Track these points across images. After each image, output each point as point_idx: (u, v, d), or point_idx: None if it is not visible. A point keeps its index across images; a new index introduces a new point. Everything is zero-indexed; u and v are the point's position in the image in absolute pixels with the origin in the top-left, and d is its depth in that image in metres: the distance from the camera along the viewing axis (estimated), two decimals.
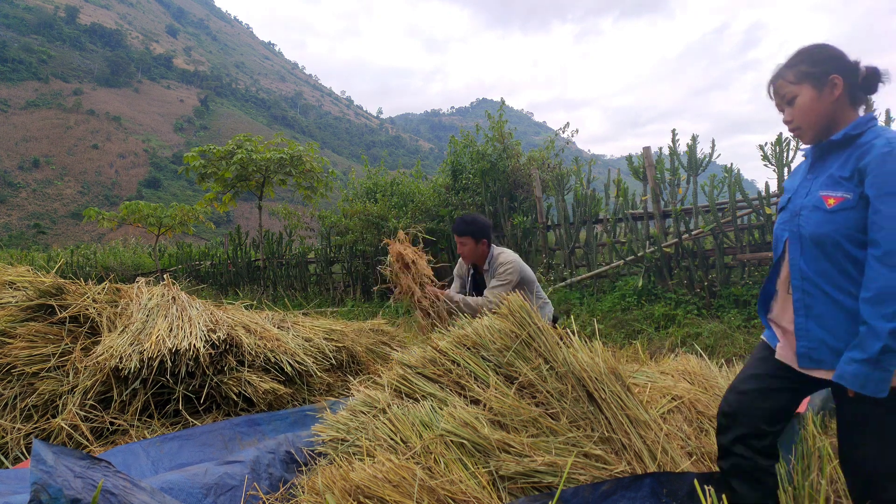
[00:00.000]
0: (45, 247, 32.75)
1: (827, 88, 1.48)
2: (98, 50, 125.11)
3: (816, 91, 1.49)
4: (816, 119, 1.50)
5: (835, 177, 1.46)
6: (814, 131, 1.52)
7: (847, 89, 1.49)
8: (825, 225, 1.44)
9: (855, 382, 1.34)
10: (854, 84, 1.49)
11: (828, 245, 1.43)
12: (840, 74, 1.47)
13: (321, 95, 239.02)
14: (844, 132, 1.46)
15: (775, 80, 1.57)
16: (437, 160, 67.46)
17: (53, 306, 2.93)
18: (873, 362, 1.31)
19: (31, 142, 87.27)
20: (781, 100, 1.56)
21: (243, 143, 11.02)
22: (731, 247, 5.80)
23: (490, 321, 2.31)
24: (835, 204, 1.43)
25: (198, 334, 2.70)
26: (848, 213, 1.41)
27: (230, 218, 33.89)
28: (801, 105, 1.51)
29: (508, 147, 9.12)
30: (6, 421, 2.46)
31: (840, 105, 1.49)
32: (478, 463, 1.80)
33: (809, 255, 1.48)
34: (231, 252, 12.04)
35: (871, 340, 1.32)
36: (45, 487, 0.96)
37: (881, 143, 1.38)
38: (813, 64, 1.50)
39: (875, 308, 1.32)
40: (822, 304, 1.46)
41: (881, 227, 1.33)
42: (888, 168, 1.35)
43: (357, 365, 3.29)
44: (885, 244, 1.32)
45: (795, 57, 1.53)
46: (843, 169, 1.44)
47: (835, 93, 1.47)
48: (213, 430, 2.35)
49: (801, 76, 1.50)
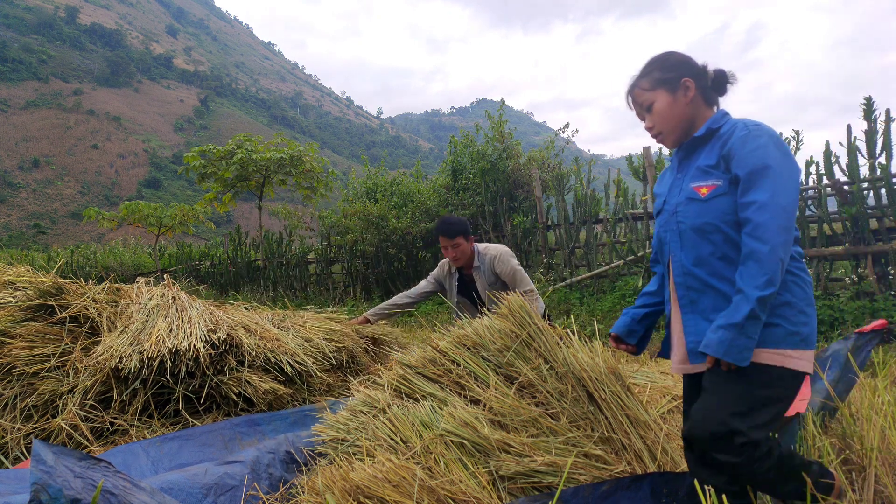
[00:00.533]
0: (45, 247, 32.76)
1: (680, 92, 1.54)
2: (98, 50, 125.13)
3: (671, 95, 1.55)
4: (675, 122, 1.56)
5: (702, 167, 1.50)
6: (675, 134, 1.58)
7: (700, 91, 1.55)
8: (703, 214, 1.46)
9: (719, 349, 1.33)
10: (705, 86, 1.56)
11: (709, 233, 1.46)
12: (691, 77, 1.54)
13: (321, 95, 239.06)
14: (706, 126, 1.52)
15: (631, 90, 1.63)
16: (437, 160, 67.46)
17: (53, 306, 2.93)
18: (738, 327, 1.31)
19: (31, 142, 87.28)
20: (640, 108, 1.62)
21: (243, 143, 11.02)
22: None
23: (490, 321, 2.31)
24: (708, 192, 1.46)
25: (198, 334, 2.70)
26: (721, 199, 1.44)
27: (230, 218, 33.89)
28: (659, 110, 1.56)
29: (508, 147, 9.12)
30: (6, 421, 2.46)
31: (696, 106, 1.56)
32: (478, 463, 1.80)
33: (690, 249, 1.50)
34: (231, 252, 12.04)
35: (740, 306, 1.32)
36: (44, 487, 0.96)
37: (740, 128, 1.45)
38: (665, 70, 1.56)
39: (748, 279, 1.32)
40: (706, 297, 1.47)
41: (749, 203, 1.37)
42: (749, 148, 1.40)
43: (357, 365, 3.29)
44: (754, 218, 1.35)
45: (647, 66, 1.60)
46: (709, 158, 1.49)
47: (689, 95, 1.54)
48: (213, 431, 2.35)
49: (656, 83, 1.57)
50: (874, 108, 4.81)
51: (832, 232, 5.10)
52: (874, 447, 1.68)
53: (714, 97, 1.59)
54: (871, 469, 1.66)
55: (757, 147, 1.39)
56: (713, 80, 1.57)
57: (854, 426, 1.91)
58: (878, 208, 4.82)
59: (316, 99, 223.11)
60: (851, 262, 4.92)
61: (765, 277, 1.30)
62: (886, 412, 1.86)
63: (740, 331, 1.31)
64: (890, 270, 4.61)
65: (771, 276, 1.31)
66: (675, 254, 1.54)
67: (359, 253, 9.79)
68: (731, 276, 1.42)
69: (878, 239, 4.82)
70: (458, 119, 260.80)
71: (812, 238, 5.26)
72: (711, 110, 1.58)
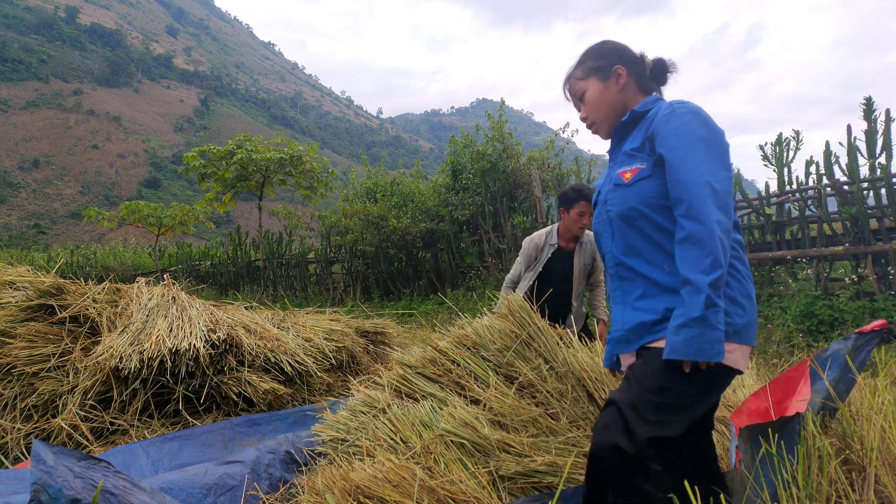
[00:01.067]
0: (45, 247, 32.77)
1: (612, 79, 1.49)
2: (98, 50, 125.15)
3: (602, 83, 1.50)
4: (606, 110, 1.51)
5: (628, 152, 1.44)
6: (608, 124, 1.52)
7: (635, 79, 1.50)
8: (627, 200, 1.39)
9: (689, 350, 1.19)
10: (641, 74, 1.51)
11: (634, 219, 1.38)
12: (623, 65, 1.49)
13: (321, 95, 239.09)
14: (631, 111, 1.46)
15: (567, 80, 1.58)
16: (437, 160, 67.50)
17: (53, 306, 2.93)
18: (701, 321, 1.19)
19: (31, 142, 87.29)
20: (576, 98, 1.57)
21: (243, 143, 11.03)
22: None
23: (490, 321, 2.31)
24: (631, 176, 1.40)
25: (198, 334, 2.70)
26: (645, 183, 1.37)
27: (230, 218, 33.90)
28: (590, 99, 1.52)
29: (508, 147, 9.12)
30: (6, 421, 2.46)
31: (629, 94, 1.50)
32: (478, 463, 1.80)
33: (620, 238, 1.43)
34: (231, 252, 12.04)
35: (694, 297, 1.20)
36: (45, 487, 0.96)
37: (664, 107, 1.38)
38: (597, 59, 1.52)
39: (690, 264, 1.22)
40: (635, 286, 1.40)
41: (678, 182, 1.28)
42: (673, 125, 1.32)
43: (357, 365, 3.29)
44: (686, 197, 1.26)
45: (582, 56, 1.56)
46: (635, 141, 1.42)
47: (620, 82, 1.49)
48: (213, 431, 2.35)
49: (588, 71, 1.52)
50: (874, 108, 4.81)
51: (832, 232, 5.10)
52: (874, 447, 1.69)
53: (651, 86, 1.53)
54: (871, 469, 1.66)
55: (681, 124, 1.31)
56: (652, 70, 1.52)
57: (854, 426, 1.91)
58: (878, 208, 4.82)
59: (316, 99, 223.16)
60: (851, 262, 4.92)
61: (708, 259, 1.20)
62: (887, 412, 1.86)
63: (704, 324, 1.19)
64: (890, 270, 4.61)
65: (715, 257, 1.20)
66: (608, 245, 1.47)
67: (359, 253, 9.79)
68: (660, 263, 1.34)
69: (878, 239, 4.82)
70: (458, 119, 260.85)
71: (812, 238, 5.26)
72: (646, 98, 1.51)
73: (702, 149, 1.28)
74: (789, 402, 2.12)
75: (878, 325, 2.27)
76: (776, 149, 5.69)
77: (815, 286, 4.91)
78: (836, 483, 1.82)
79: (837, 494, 1.80)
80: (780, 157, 5.68)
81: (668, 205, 1.33)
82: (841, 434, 1.95)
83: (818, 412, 2.18)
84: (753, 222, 5.72)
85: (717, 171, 1.27)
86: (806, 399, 2.12)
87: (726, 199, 1.26)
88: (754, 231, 5.69)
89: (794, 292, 4.94)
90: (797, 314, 4.62)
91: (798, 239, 5.40)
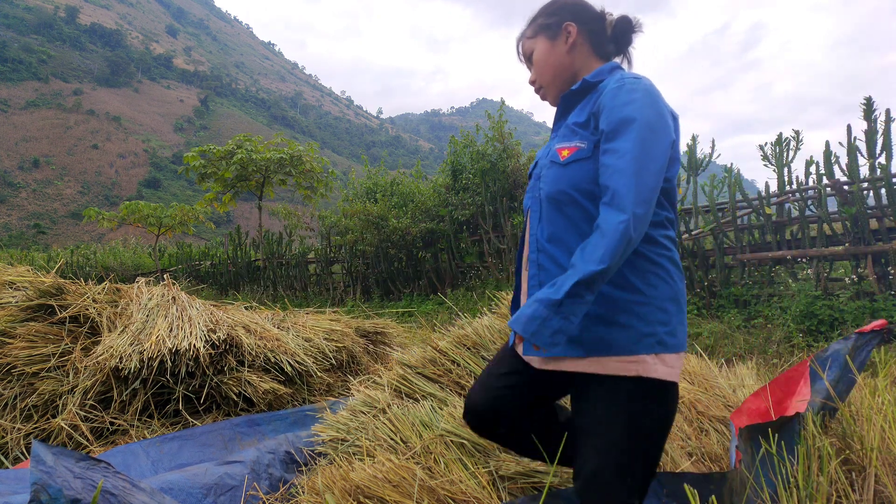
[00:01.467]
0: (45, 247, 32.77)
1: (561, 38, 1.33)
2: (98, 50, 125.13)
3: (550, 42, 1.34)
4: (553, 72, 1.35)
5: (570, 126, 1.27)
6: (556, 88, 1.36)
7: (589, 39, 1.34)
8: (560, 181, 1.23)
9: (528, 326, 1.08)
10: (599, 34, 1.34)
11: (564, 204, 1.23)
12: (575, 22, 1.33)
13: (321, 95, 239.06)
14: (583, 79, 1.29)
15: (519, 40, 1.43)
16: (437, 160, 67.45)
17: (53, 306, 2.93)
18: (555, 305, 1.06)
19: (30, 142, 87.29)
20: (526, 59, 1.42)
21: (243, 143, 11.03)
22: (731, 247, 5.80)
23: (490, 321, 2.31)
24: (568, 155, 1.23)
25: (198, 334, 2.70)
26: (582, 165, 1.20)
27: (230, 218, 33.91)
28: (537, 59, 1.36)
29: (508, 147, 9.12)
30: (6, 421, 2.46)
31: (579, 56, 1.34)
32: (478, 463, 1.80)
33: (546, 221, 1.26)
34: (231, 252, 12.04)
35: (567, 281, 1.08)
36: (44, 487, 0.96)
37: (614, 80, 1.21)
38: (548, 15, 1.36)
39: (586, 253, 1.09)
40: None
41: (608, 167, 1.13)
42: (618, 102, 1.16)
43: (357, 365, 3.29)
44: (611, 185, 1.10)
45: (535, 12, 1.40)
46: (580, 115, 1.26)
47: (569, 41, 1.32)
48: (213, 431, 2.35)
49: (537, 29, 1.37)
50: (874, 108, 4.81)
51: (832, 232, 5.10)
52: (874, 447, 1.69)
53: (610, 48, 1.36)
54: (872, 469, 1.66)
55: (629, 101, 1.15)
56: (614, 29, 1.34)
57: (854, 426, 1.91)
58: (878, 208, 4.82)
59: (316, 99, 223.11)
60: (851, 262, 4.92)
61: (601, 251, 1.06)
62: (887, 412, 1.86)
63: (557, 309, 1.06)
64: (890, 270, 4.61)
65: (612, 250, 1.06)
66: (533, 225, 1.30)
67: (359, 253, 9.79)
68: None
69: (878, 239, 4.82)
70: (458, 119, 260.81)
71: (812, 238, 5.27)
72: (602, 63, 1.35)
73: (642, 133, 1.12)
74: (789, 402, 2.12)
75: (878, 325, 2.27)
76: (776, 149, 5.69)
77: (815, 286, 4.92)
78: (836, 483, 1.82)
79: (837, 494, 1.80)
80: (780, 157, 5.68)
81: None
82: (841, 434, 1.95)
83: (818, 412, 2.18)
84: (753, 222, 5.72)
85: (652, 162, 1.12)
86: (806, 399, 2.12)
87: (654, 193, 1.11)
88: (754, 231, 5.69)
89: (794, 292, 4.94)
90: (797, 314, 4.63)
91: (798, 239, 5.40)
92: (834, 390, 2.07)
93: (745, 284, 5.51)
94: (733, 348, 4.49)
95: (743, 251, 5.66)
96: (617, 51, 1.37)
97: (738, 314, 5.16)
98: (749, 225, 5.75)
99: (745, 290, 5.44)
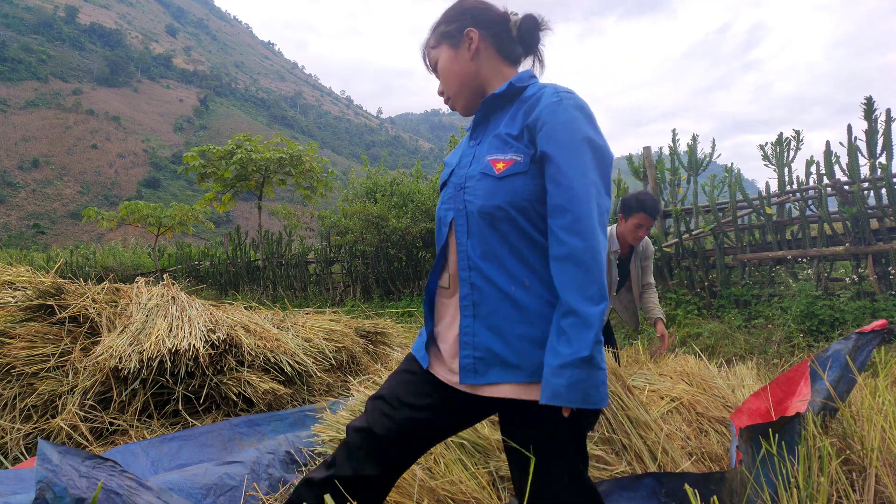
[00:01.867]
0: (44, 247, 32.77)
1: (463, 46, 1.27)
2: (97, 50, 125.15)
3: (453, 51, 1.29)
4: (459, 82, 1.29)
5: (502, 136, 1.19)
6: (463, 98, 1.31)
7: (493, 43, 1.28)
8: (495, 195, 1.15)
9: (576, 397, 1.00)
10: (503, 37, 1.28)
11: (499, 221, 1.15)
12: (476, 27, 1.26)
13: (321, 95, 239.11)
14: (508, 83, 1.22)
15: (423, 49, 1.37)
16: (437, 160, 67.56)
17: (53, 306, 2.93)
18: (588, 361, 1.00)
19: (30, 142, 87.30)
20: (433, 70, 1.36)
21: (243, 142, 11.03)
22: (732, 247, 5.80)
23: None
24: (504, 168, 1.15)
25: (197, 334, 2.70)
26: (519, 180, 1.14)
27: (230, 218, 33.92)
28: (441, 69, 1.31)
29: None
30: (6, 421, 2.46)
31: (485, 62, 1.28)
32: (478, 463, 1.80)
33: (478, 238, 1.18)
34: (231, 252, 12.04)
35: (581, 332, 1.01)
36: (50, 486, 0.97)
37: (549, 93, 1.15)
38: (448, 22, 1.30)
39: (574, 290, 1.03)
40: (491, 301, 1.15)
41: (564, 189, 1.07)
42: (562, 119, 1.11)
43: (357, 365, 3.29)
44: (573, 209, 1.05)
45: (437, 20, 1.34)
46: (511, 126, 1.19)
47: (471, 48, 1.26)
48: (213, 431, 2.34)
49: (439, 38, 1.31)
50: (874, 107, 4.81)
51: (833, 232, 5.10)
52: (875, 447, 1.68)
53: (518, 50, 1.30)
54: (872, 469, 1.66)
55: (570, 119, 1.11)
56: (519, 29, 1.28)
57: (855, 426, 1.91)
58: (878, 208, 4.82)
59: (316, 99, 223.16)
60: (852, 262, 4.92)
61: (594, 287, 1.03)
62: (887, 412, 1.86)
63: (590, 364, 1.01)
64: (890, 270, 4.61)
65: (600, 285, 1.03)
66: (461, 240, 1.20)
67: (359, 253, 9.79)
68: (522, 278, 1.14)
69: (878, 239, 4.82)
70: (459, 119, 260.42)
71: (813, 238, 5.26)
72: (514, 69, 1.30)
73: (590, 154, 1.09)
74: (790, 402, 2.12)
75: (879, 326, 2.26)
76: (776, 149, 5.70)
77: (815, 286, 4.92)
78: (837, 483, 1.82)
79: (838, 495, 1.80)
80: (781, 156, 5.68)
81: (539, 210, 1.13)
82: (841, 434, 1.95)
83: (819, 412, 2.18)
84: (754, 222, 5.72)
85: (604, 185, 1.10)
86: (806, 399, 2.11)
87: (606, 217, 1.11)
88: (755, 231, 5.69)
89: (794, 292, 4.94)
90: (798, 314, 4.62)
91: (798, 239, 5.40)
92: (834, 390, 2.07)
93: (746, 284, 5.51)
94: (734, 348, 4.49)
95: (743, 251, 5.66)
96: (526, 52, 1.31)
97: (738, 314, 5.16)
98: (749, 225, 5.75)
99: (745, 290, 5.44)
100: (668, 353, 3.04)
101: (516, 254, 1.14)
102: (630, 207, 3.04)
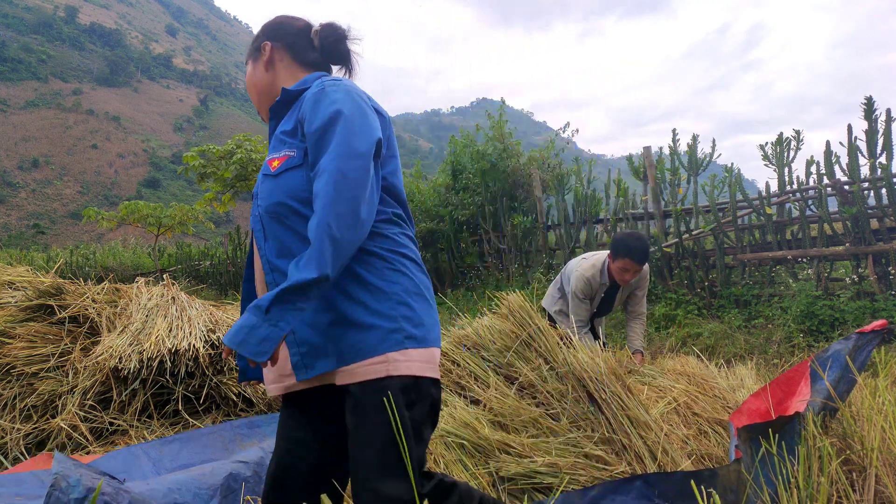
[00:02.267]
0: (44, 247, 32.77)
1: (260, 58, 1.36)
2: (97, 50, 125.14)
3: (253, 64, 1.38)
4: (257, 91, 1.37)
5: (278, 136, 1.24)
6: (264, 106, 1.38)
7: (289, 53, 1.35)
8: (275, 193, 1.18)
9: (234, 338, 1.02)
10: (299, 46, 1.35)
11: (284, 216, 1.17)
12: (270, 40, 1.35)
13: None
14: (284, 89, 1.27)
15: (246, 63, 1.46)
16: (437, 160, 67.44)
17: (53, 306, 2.93)
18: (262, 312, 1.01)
19: (30, 142, 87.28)
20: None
21: (243, 142, 11.02)
22: (732, 247, 5.79)
23: (490, 321, 2.31)
24: (279, 164, 1.19)
25: (197, 334, 2.70)
26: (294, 174, 1.17)
27: (230, 218, 33.88)
28: (247, 82, 1.40)
29: (508, 147, 9.12)
30: (6, 421, 2.46)
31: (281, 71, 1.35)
32: (478, 463, 1.80)
33: (272, 238, 1.20)
34: (230, 252, 12.04)
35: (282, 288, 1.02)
36: (65, 477, 1.11)
37: (315, 85, 1.20)
38: (254, 41, 1.40)
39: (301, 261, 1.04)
40: None
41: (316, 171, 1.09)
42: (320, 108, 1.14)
43: None
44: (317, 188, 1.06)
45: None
46: (287, 124, 1.24)
47: (264, 59, 1.35)
48: (213, 433, 2.35)
49: (247, 55, 1.42)
50: (875, 107, 4.80)
51: (833, 232, 5.10)
52: (875, 447, 1.68)
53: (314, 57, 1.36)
54: (872, 469, 1.66)
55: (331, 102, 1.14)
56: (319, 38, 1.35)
57: (855, 426, 1.91)
58: (878, 208, 4.82)
59: None
60: (852, 262, 4.92)
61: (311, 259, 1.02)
62: (887, 412, 1.86)
63: (264, 317, 1.01)
64: (891, 270, 4.61)
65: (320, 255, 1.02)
66: (260, 244, 1.23)
67: None
68: None
69: (878, 239, 4.82)
70: (459, 119, 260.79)
71: (813, 238, 5.26)
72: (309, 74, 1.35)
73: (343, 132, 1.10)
74: (790, 402, 2.12)
75: (879, 326, 2.26)
76: (776, 148, 5.69)
77: (815, 286, 4.91)
78: (837, 483, 1.82)
79: (838, 495, 1.80)
80: (781, 156, 5.68)
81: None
82: (841, 434, 1.95)
83: (819, 412, 2.18)
84: (754, 222, 5.72)
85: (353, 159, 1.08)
86: (806, 399, 2.11)
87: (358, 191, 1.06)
88: (755, 231, 5.69)
89: (794, 292, 4.94)
90: (798, 314, 4.62)
91: (798, 239, 5.40)
92: (834, 390, 2.07)
93: (746, 284, 5.51)
94: (734, 348, 4.49)
95: (743, 251, 5.66)
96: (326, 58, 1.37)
97: (738, 314, 5.16)
98: (749, 225, 5.74)
99: (745, 290, 5.43)
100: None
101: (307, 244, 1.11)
102: (617, 252, 3.01)
